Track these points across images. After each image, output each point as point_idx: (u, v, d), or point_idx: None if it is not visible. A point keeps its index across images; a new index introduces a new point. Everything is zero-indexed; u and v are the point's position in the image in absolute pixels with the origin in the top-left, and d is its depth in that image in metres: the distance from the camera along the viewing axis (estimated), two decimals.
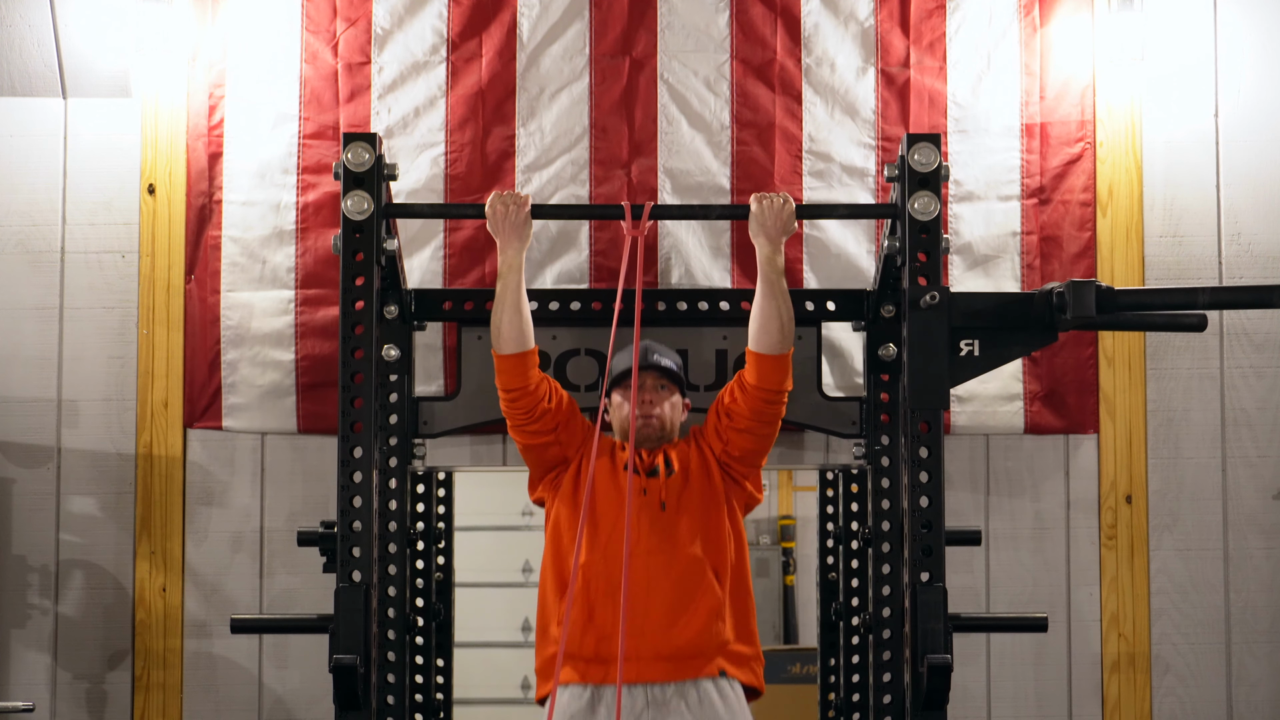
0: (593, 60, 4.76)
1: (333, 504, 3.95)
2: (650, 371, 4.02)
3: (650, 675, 3.82)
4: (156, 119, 4.74)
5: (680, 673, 3.84)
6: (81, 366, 4.72)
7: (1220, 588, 4.74)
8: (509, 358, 3.93)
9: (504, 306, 3.92)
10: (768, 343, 3.91)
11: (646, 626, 3.83)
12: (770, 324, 3.89)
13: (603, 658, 3.83)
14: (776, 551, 7.82)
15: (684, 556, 3.88)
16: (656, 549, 3.88)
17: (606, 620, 3.83)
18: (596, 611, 3.85)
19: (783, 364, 3.92)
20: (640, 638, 3.82)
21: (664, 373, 4.04)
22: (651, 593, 3.85)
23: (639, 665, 3.81)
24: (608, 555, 3.86)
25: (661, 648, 3.83)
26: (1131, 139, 4.77)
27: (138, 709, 4.65)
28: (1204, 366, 4.77)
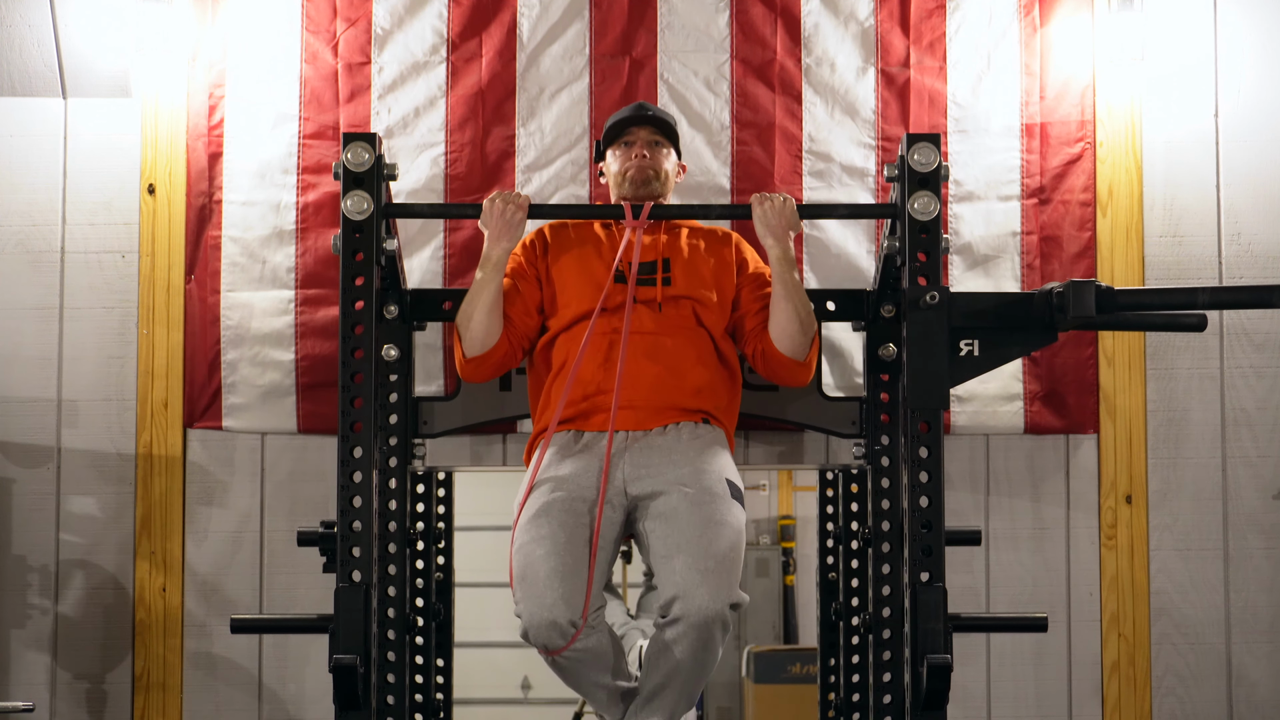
0: (593, 60, 4.76)
1: (333, 504, 3.95)
2: (644, 126, 4.05)
3: (635, 424, 3.88)
4: (156, 119, 4.75)
5: (663, 420, 3.90)
6: (81, 366, 4.72)
7: (1220, 588, 4.74)
8: (473, 361, 3.98)
9: (478, 302, 3.93)
10: (788, 344, 3.93)
11: (635, 391, 3.88)
12: (790, 325, 3.91)
13: (593, 411, 3.89)
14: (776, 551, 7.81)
15: (676, 341, 3.94)
16: (651, 330, 3.93)
17: (594, 387, 3.89)
18: (586, 387, 3.90)
19: (804, 369, 4.00)
20: (630, 397, 3.88)
21: (659, 126, 4.07)
22: (642, 370, 3.89)
23: (626, 414, 3.87)
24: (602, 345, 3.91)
25: (648, 403, 3.89)
26: (1131, 139, 4.77)
27: (138, 709, 4.65)
28: (1204, 366, 4.77)
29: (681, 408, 3.92)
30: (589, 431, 3.91)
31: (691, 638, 3.65)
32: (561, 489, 3.81)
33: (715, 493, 3.78)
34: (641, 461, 3.85)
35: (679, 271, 4.00)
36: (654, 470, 3.83)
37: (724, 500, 3.77)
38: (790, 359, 3.96)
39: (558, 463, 3.87)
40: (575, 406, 3.91)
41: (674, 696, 3.76)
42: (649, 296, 3.96)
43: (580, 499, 3.80)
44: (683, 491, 3.77)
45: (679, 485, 3.78)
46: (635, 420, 3.89)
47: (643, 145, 4.07)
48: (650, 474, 3.83)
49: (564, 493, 3.80)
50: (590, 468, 3.84)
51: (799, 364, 3.98)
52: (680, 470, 3.82)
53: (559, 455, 3.89)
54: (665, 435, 3.89)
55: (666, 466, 3.83)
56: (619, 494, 3.84)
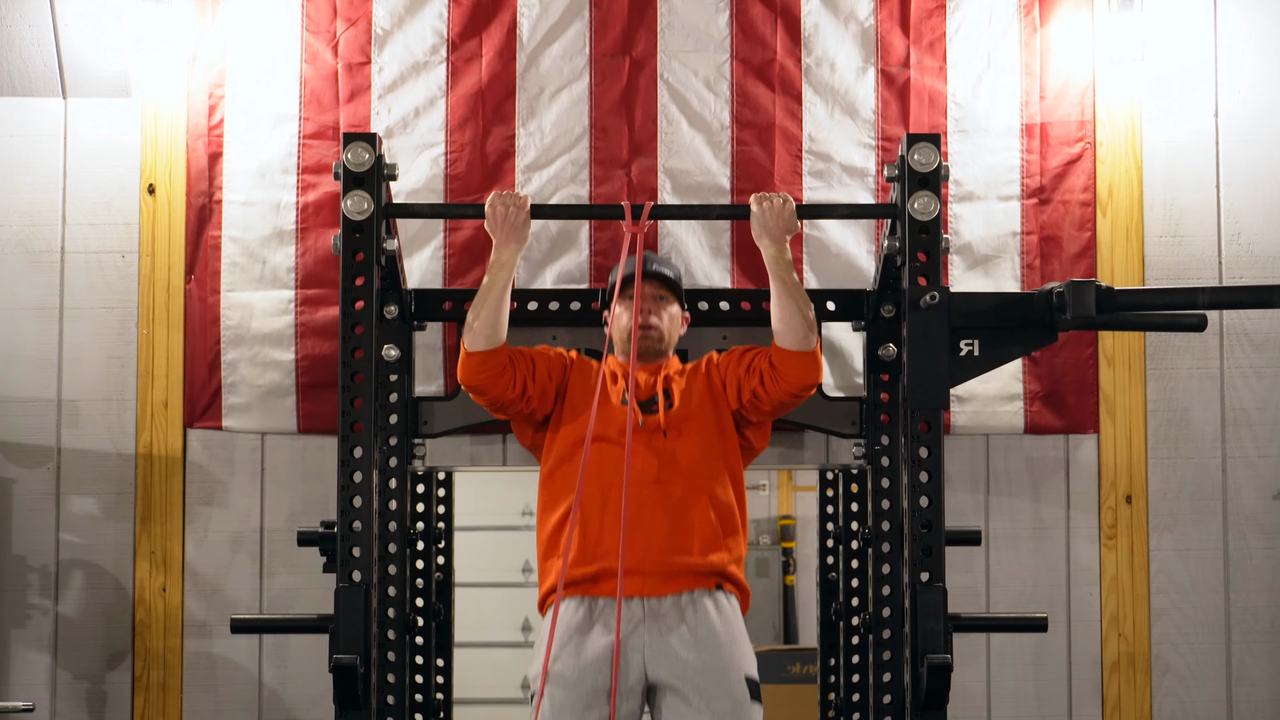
0: (593, 60, 4.76)
1: (333, 504, 3.95)
2: (649, 280, 4.02)
3: (648, 590, 3.82)
4: (156, 119, 4.74)
5: (677, 586, 3.84)
6: (81, 366, 4.72)
7: (1220, 588, 4.74)
8: (476, 356, 3.91)
9: (486, 302, 3.91)
10: (794, 339, 3.89)
11: (646, 550, 3.82)
12: (793, 320, 3.88)
13: (601, 576, 3.83)
14: (776, 551, 7.82)
15: (681, 487, 3.88)
16: (654, 478, 3.87)
17: (605, 546, 3.83)
18: (595, 540, 3.84)
19: (813, 360, 3.90)
20: (640, 558, 3.82)
21: (663, 281, 4.03)
22: (651, 521, 3.84)
23: (637, 580, 3.81)
24: (605, 485, 3.86)
25: (659, 565, 3.83)
26: (1131, 139, 4.77)
27: (138, 709, 4.65)
28: (1204, 366, 4.77)
29: (694, 571, 3.85)
30: (600, 599, 3.83)
31: None
32: (579, 684, 3.76)
33: (736, 698, 3.76)
34: (660, 648, 3.79)
35: (677, 394, 3.97)
36: (673, 658, 3.78)
37: (743, 707, 3.77)
38: (797, 352, 3.90)
39: (573, 646, 3.80)
40: (581, 568, 3.84)
41: None
42: (653, 425, 3.92)
43: (597, 691, 3.76)
44: (704, 699, 3.75)
45: (700, 694, 3.75)
46: (645, 586, 3.83)
47: (647, 300, 4.03)
48: (669, 660, 3.78)
49: (582, 687, 3.76)
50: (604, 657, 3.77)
51: (807, 355, 3.89)
52: (702, 676, 3.76)
53: (574, 635, 3.82)
54: (681, 610, 3.82)
55: (687, 659, 3.78)
56: (639, 679, 3.80)
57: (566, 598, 3.82)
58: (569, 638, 3.80)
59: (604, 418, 3.90)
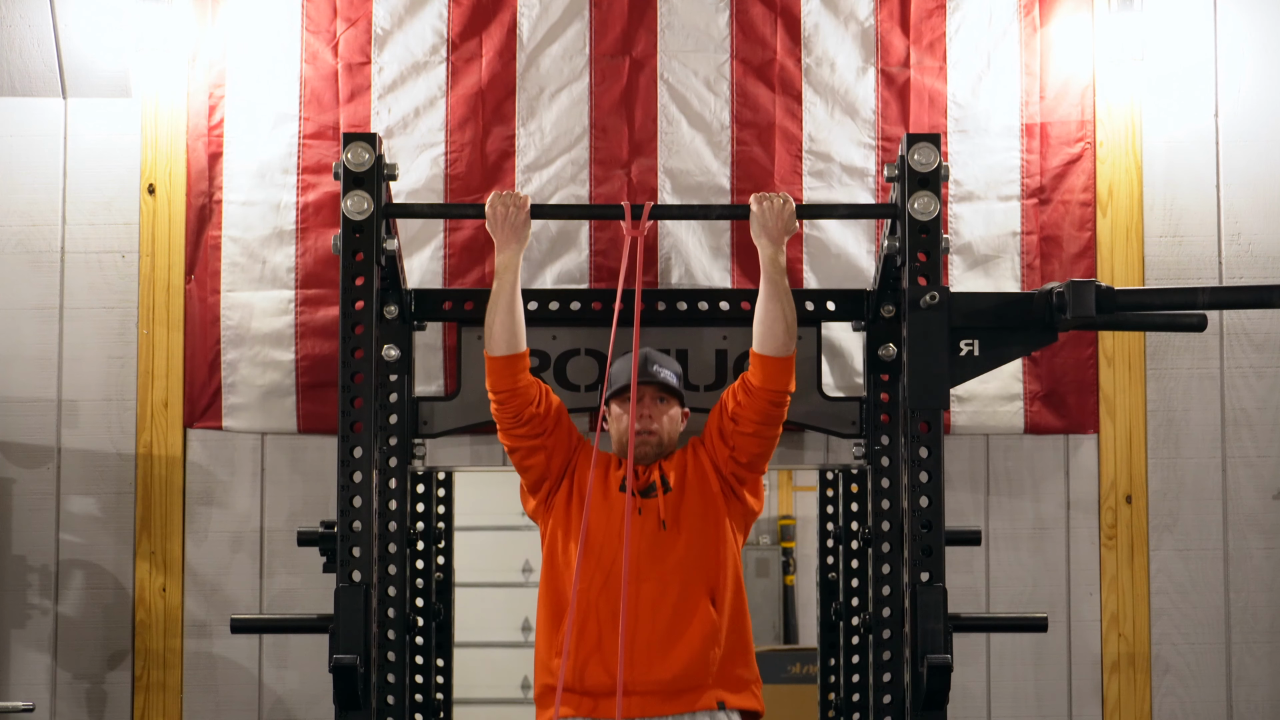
0: (593, 60, 4.76)
1: (333, 504, 3.95)
2: (650, 385, 4.02)
3: (647, 710, 3.81)
4: (156, 119, 4.74)
5: (676, 706, 3.83)
6: (81, 366, 4.72)
7: (1220, 588, 4.74)
8: (499, 359, 3.93)
9: (498, 307, 3.91)
10: (773, 344, 3.90)
11: (644, 655, 3.81)
12: (775, 325, 3.89)
13: (598, 691, 3.82)
14: (776, 551, 7.82)
15: (680, 580, 3.87)
16: (652, 574, 3.86)
17: (603, 650, 3.82)
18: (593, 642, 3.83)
19: (788, 365, 3.92)
20: (636, 667, 3.80)
21: (663, 386, 4.04)
22: (649, 619, 3.83)
23: (637, 700, 3.80)
24: (604, 581, 3.86)
25: (657, 676, 3.81)
26: (1131, 139, 4.77)
27: (138, 709, 4.65)
28: (1204, 366, 4.77)
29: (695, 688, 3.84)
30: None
31: None
32: None
33: None
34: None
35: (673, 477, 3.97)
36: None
37: None
38: (773, 357, 3.91)
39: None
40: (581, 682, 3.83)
41: None
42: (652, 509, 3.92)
43: None
44: None
45: None
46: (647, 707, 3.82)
47: (647, 404, 4.03)
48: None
49: None
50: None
51: (782, 361, 3.90)
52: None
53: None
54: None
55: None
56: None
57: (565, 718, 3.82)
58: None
59: (602, 510, 3.92)
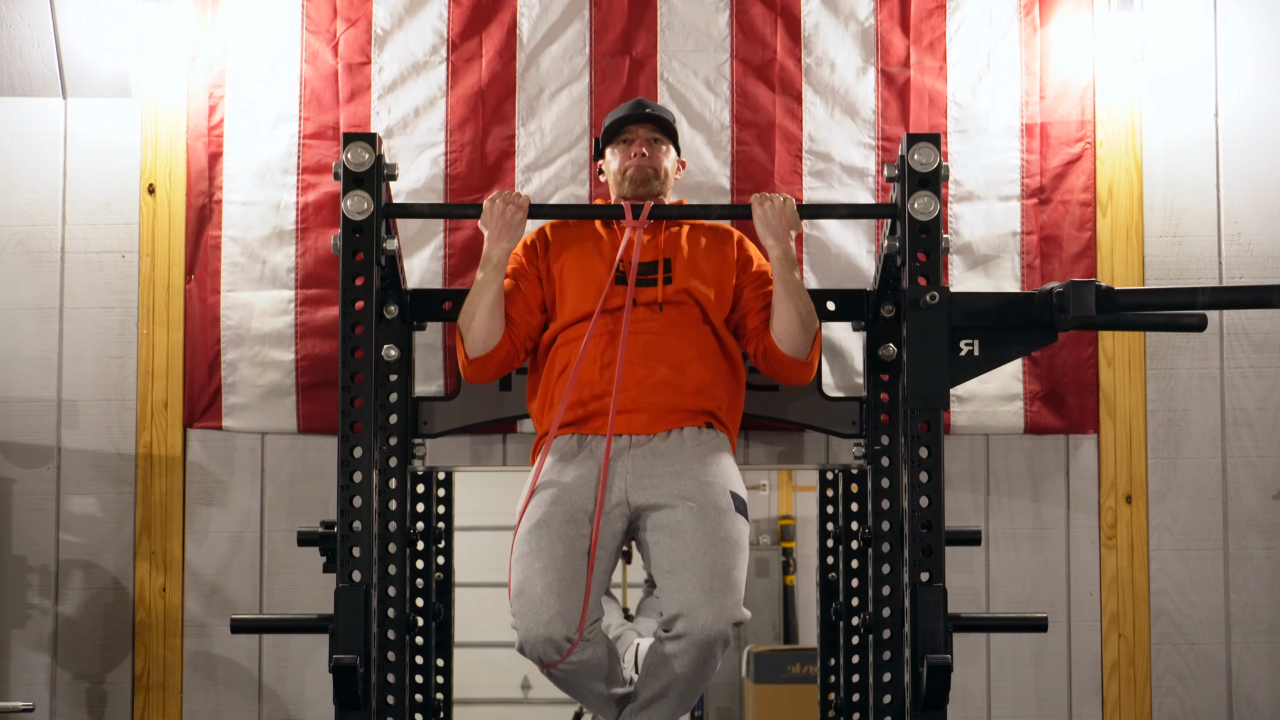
0: (593, 60, 4.76)
1: (333, 504, 3.95)
2: (644, 124, 4.04)
3: (637, 428, 3.87)
4: (156, 119, 4.74)
5: (664, 424, 3.88)
6: (81, 366, 4.72)
7: (1220, 588, 4.74)
8: (474, 362, 3.98)
9: (478, 304, 3.92)
10: (790, 344, 3.93)
11: (639, 393, 3.87)
12: (791, 325, 3.91)
13: (593, 416, 3.88)
14: (776, 551, 7.81)
15: (678, 340, 3.92)
16: (654, 330, 3.92)
17: (598, 391, 3.87)
18: (588, 386, 3.88)
19: (805, 368, 3.99)
20: (632, 398, 3.86)
21: (658, 124, 4.06)
22: (644, 371, 3.88)
23: (627, 417, 3.86)
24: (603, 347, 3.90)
25: (649, 406, 3.87)
26: (1131, 139, 4.77)
27: (138, 709, 4.65)
28: (1204, 366, 4.77)
29: (684, 409, 3.91)
30: (591, 435, 3.90)
31: (693, 654, 3.65)
32: (561, 499, 3.79)
33: (720, 507, 3.77)
34: (644, 470, 3.83)
35: (680, 270, 4.00)
36: (657, 480, 3.82)
37: (728, 515, 3.76)
38: (792, 358, 3.96)
39: (559, 469, 3.86)
40: (575, 410, 3.90)
41: (671, 705, 3.77)
42: (650, 298, 3.96)
43: (580, 509, 3.79)
44: (687, 506, 3.76)
45: (683, 499, 3.77)
46: (637, 424, 3.88)
47: (642, 143, 4.07)
48: (653, 483, 3.82)
49: (564, 503, 3.79)
50: (591, 476, 3.82)
51: (801, 363, 3.98)
52: (684, 482, 3.80)
53: (560, 461, 3.87)
54: (668, 441, 3.88)
55: (670, 477, 3.82)
56: (621, 503, 3.83)
57: (558, 435, 3.88)
58: (555, 462, 3.86)
59: (599, 286, 3.94)
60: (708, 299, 3.99)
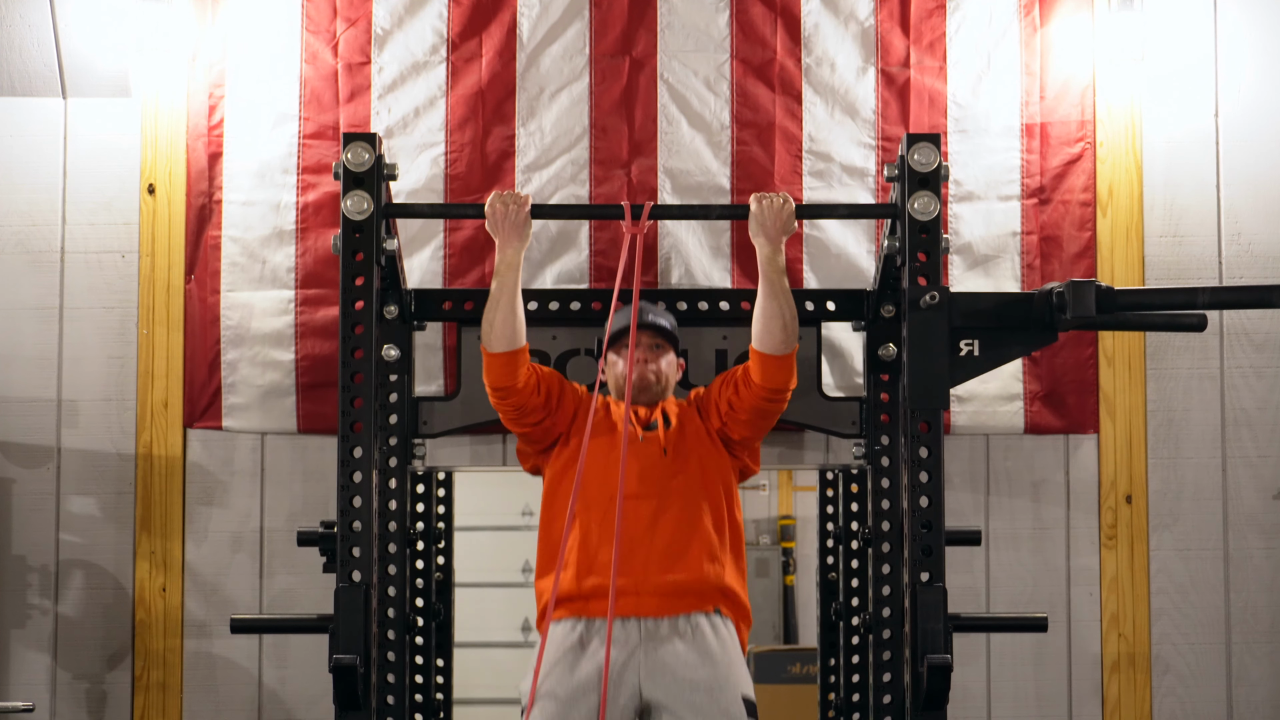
0: (593, 60, 4.76)
1: (333, 504, 3.95)
2: (646, 331, 4.05)
3: (645, 610, 3.82)
4: (156, 119, 4.74)
5: (675, 608, 3.83)
6: (81, 366, 4.72)
7: (1220, 588, 4.74)
8: (498, 356, 3.92)
9: (498, 305, 3.92)
10: (770, 343, 3.91)
11: (645, 569, 3.83)
12: (773, 324, 3.90)
13: (595, 595, 3.83)
14: (776, 551, 7.82)
15: (680, 502, 3.89)
16: (653, 494, 3.88)
17: (602, 560, 3.83)
18: (592, 554, 3.85)
19: (787, 364, 3.92)
20: (636, 577, 3.82)
21: (659, 332, 4.07)
22: (649, 539, 3.85)
23: (634, 599, 3.82)
24: (605, 506, 3.86)
25: (655, 581, 3.83)
26: (1131, 139, 4.77)
27: (138, 709, 4.65)
28: (1204, 366, 4.77)
29: (692, 591, 3.85)
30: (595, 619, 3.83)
31: None
32: (569, 709, 3.75)
33: (732, 715, 3.76)
34: (657, 669, 3.79)
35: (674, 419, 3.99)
36: (669, 679, 3.78)
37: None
38: (771, 355, 3.91)
39: (565, 667, 3.80)
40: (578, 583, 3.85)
41: None
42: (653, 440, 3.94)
43: (588, 713, 3.75)
44: (699, 716, 3.74)
45: (694, 711, 3.75)
46: (644, 607, 3.83)
47: (644, 350, 4.06)
48: (665, 681, 3.78)
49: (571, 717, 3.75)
50: (596, 680, 3.76)
51: (781, 359, 3.91)
52: (696, 695, 3.76)
53: (566, 655, 3.81)
54: (679, 635, 3.82)
55: (683, 677, 3.78)
56: (632, 697, 3.79)
57: (561, 619, 3.84)
58: (562, 656, 3.80)
59: (604, 443, 3.93)
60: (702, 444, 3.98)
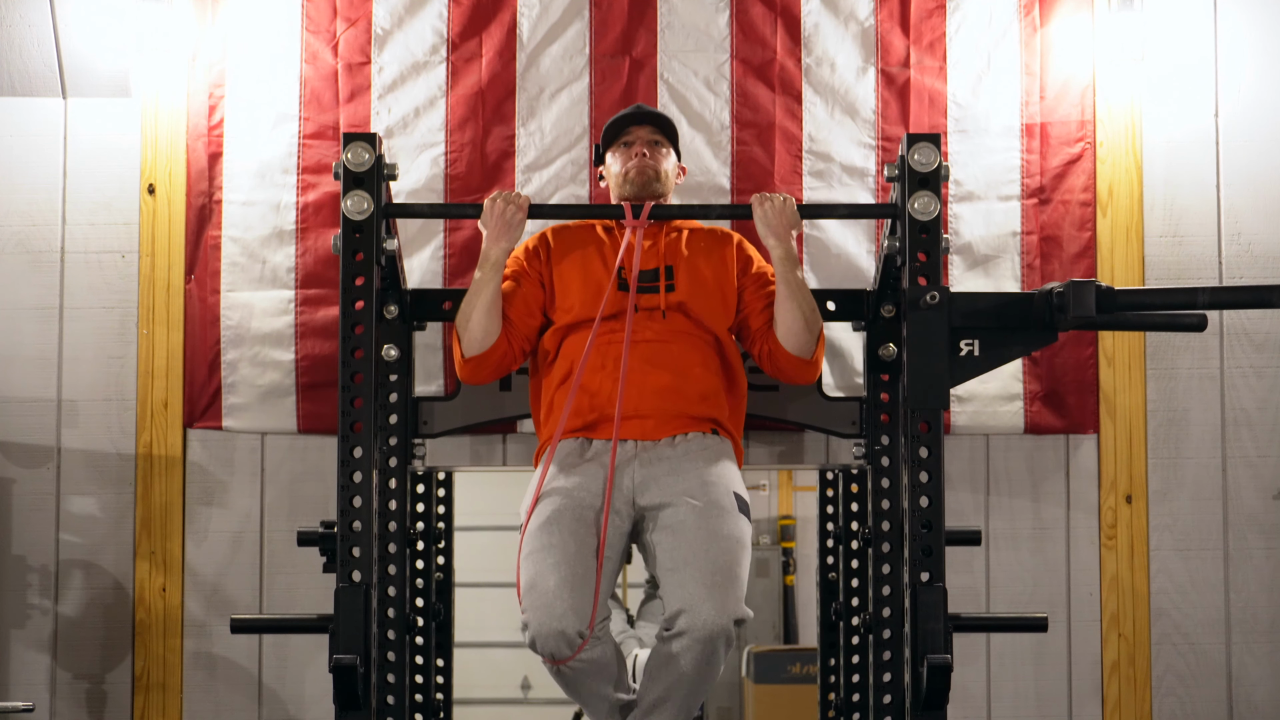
0: (593, 60, 4.76)
1: (333, 504, 3.95)
2: (643, 125, 4.05)
3: (644, 434, 3.88)
4: (156, 119, 4.75)
5: (672, 429, 3.90)
6: (81, 366, 4.72)
7: (1220, 588, 4.74)
8: (472, 362, 3.97)
9: (476, 304, 3.92)
10: (794, 343, 3.94)
11: (642, 399, 3.87)
12: (795, 324, 3.91)
13: (598, 423, 3.88)
14: (776, 551, 7.81)
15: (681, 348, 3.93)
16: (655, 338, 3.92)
17: (603, 398, 3.88)
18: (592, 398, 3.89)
19: (810, 367, 4.00)
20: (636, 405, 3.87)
21: (658, 125, 4.07)
22: (650, 376, 3.89)
23: (634, 424, 3.87)
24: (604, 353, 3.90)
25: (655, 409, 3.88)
26: (1131, 139, 4.77)
27: (138, 709, 4.65)
28: (1204, 366, 4.77)
29: (689, 416, 3.91)
30: (596, 440, 3.91)
31: (695, 652, 3.65)
32: (570, 498, 3.80)
33: (722, 506, 3.77)
34: (649, 473, 3.84)
35: (682, 278, 4.00)
36: (661, 481, 3.83)
37: (730, 514, 3.77)
38: (797, 357, 3.97)
39: (566, 471, 3.86)
40: (581, 417, 3.91)
41: (675, 709, 3.76)
42: (652, 304, 3.96)
43: (589, 508, 3.79)
44: (690, 504, 3.77)
45: (686, 497, 3.78)
46: (643, 430, 3.89)
47: (642, 145, 4.07)
48: (657, 485, 3.82)
49: (573, 502, 3.79)
50: (598, 477, 3.83)
51: (806, 362, 3.98)
52: (687, 482, 3.81)
53: (567, 463, 3.88)
54: (674, 446, 3.89)
55: (674, 478, 3.83)
56: (626, 504, 3.83)
57: (563, 439, 3.88)
58: (562, 464, 3.86)
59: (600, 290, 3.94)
60: (710, 307, 4.00)
